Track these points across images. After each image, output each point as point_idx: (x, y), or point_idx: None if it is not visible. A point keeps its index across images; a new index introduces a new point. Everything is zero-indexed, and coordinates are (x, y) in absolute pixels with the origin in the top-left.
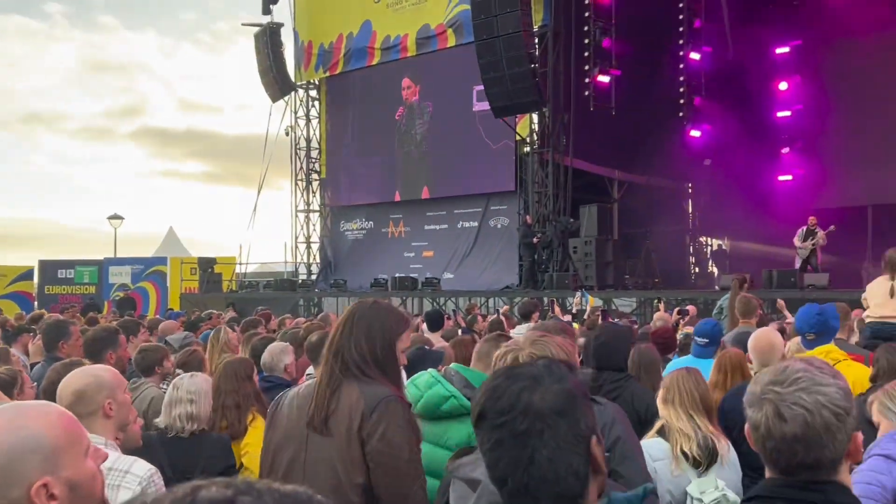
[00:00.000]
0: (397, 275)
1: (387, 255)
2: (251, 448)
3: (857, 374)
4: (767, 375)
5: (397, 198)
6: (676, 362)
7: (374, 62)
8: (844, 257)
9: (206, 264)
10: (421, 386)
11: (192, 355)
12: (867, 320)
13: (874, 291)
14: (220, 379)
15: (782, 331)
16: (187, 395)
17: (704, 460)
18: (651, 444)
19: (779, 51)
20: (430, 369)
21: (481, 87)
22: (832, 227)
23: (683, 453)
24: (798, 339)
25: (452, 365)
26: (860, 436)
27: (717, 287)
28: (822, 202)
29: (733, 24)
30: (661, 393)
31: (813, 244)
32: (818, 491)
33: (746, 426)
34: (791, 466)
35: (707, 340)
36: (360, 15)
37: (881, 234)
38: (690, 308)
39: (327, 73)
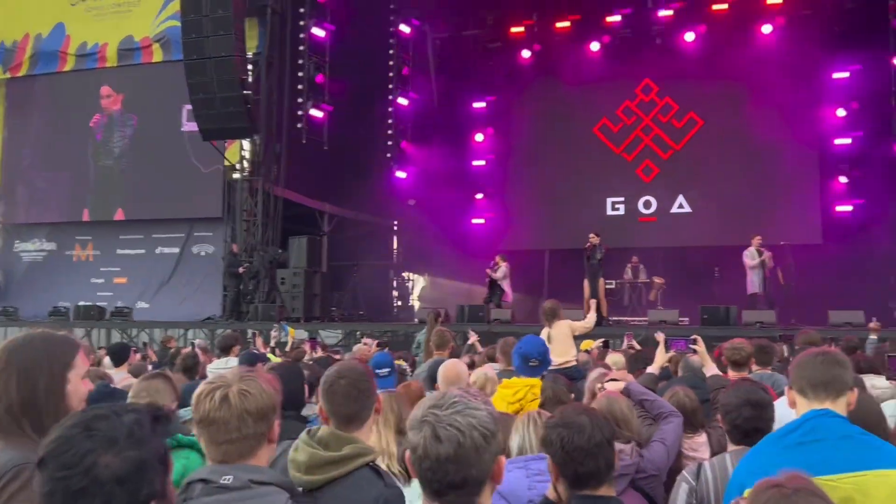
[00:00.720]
0: (82, 303)
1: (71, 280)
2: None
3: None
4: (429, 401)
5: (86, 217)
6: None
7: (66, 68)
8: (527, 295)
9: None
10: None
11: None
12: None
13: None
14: None
15: (472, 363)
16: None
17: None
18: None
19: (476, 105)
20: None
21: (191, 107)
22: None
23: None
24: (483, 369)
25: None
26: (504, 459)
27: (416, 320)
28: (509, 244)
29: (438, 77)
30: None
31: (493, 274)
32: None
33: (407, 451)
34: (443, 486)
35: (388, 370)
36: (52, 16)
37: (555, 276)
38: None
39: (8, 75)
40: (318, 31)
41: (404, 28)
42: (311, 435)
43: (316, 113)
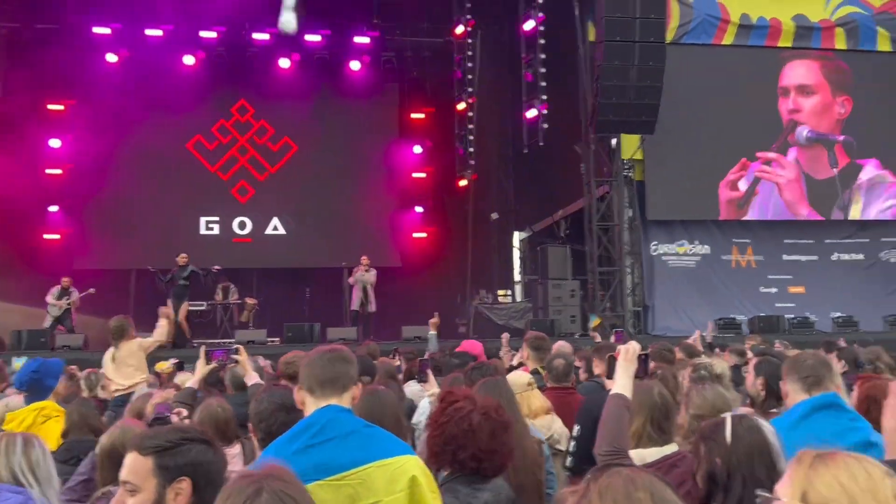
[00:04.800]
0: None
1: None
2: None
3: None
4: None
5: None
6: None
7: None
8: (104, 318)
9: None
10: None
11: None
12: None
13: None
14: None
15: None
16: None
17: None
18: None
19: (51, 107)
20: None
21: None
22: (91, 290)
23: None
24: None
25: None
26: None
27: None
28: (88, 263)
29: (8, 68)
30: None
31: (68, 304)
32: None
33: None
34: None
35: None
36: None
37: (143, 298)
38: None
39: None
40: None
41: None
42: None
43: None
